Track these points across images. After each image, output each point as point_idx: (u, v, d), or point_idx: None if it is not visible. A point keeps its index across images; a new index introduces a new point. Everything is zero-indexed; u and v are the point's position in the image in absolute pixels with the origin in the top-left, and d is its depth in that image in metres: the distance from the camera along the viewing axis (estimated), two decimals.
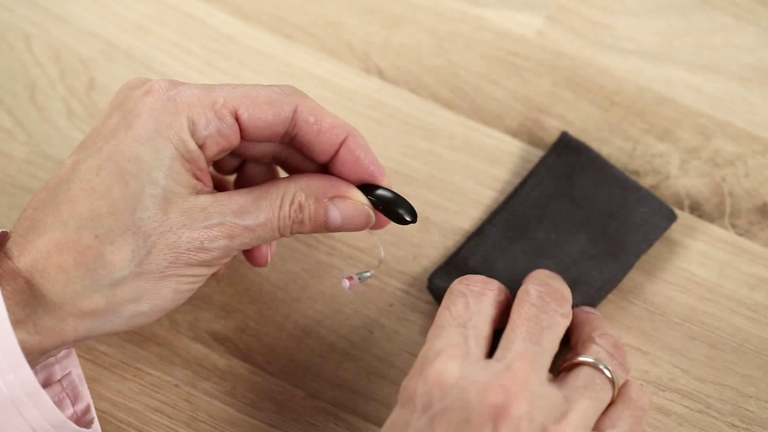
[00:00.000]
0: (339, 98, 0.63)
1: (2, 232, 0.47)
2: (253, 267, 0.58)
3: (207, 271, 0.46)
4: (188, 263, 0.44)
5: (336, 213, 0.47)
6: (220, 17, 0.66)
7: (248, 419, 0.55)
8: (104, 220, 0.43)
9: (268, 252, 0.51)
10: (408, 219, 0.48)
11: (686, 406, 0.54)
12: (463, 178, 0.61)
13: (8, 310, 0.42)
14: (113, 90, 0.64)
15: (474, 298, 0.47)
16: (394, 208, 0.48)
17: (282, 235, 0.47)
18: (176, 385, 0.56)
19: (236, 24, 0.66)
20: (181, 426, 0.55)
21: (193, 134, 0.43)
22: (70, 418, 0.49)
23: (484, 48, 0.65)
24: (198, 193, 0.44)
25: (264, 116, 0.44)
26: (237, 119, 0.44)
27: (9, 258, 0.43)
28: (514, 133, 0.62)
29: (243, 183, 0.52)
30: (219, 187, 0.53)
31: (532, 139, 0.62)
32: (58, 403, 0.49)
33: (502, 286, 0.50)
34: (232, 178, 0.55)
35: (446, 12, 0.66)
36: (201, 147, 0.44)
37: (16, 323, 0.42)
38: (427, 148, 0.62)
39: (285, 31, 0.66)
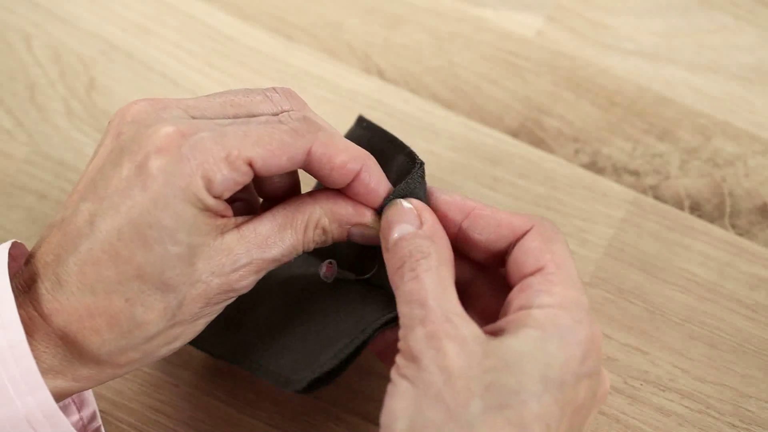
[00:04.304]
0: (339, 98, 0.63)
1: (17, 242, 0.47)
2: None
3: (233, 300, 0.47)
4: (218, 302, 0.46)
5: (358, 236, 0.48)
6: (220, 17, 0.66)
7: (248, 419, 0.55)
8: (132, 284, 0.43)
9: None
10: None
11: (686, 406, 0.54)
12: (463, 178, 0.60)
13: (45, 362, 0.44)
14: (113, 90, 0.64)
15: None
16: None
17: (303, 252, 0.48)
18: (176, 385, 0.55)
19: (236, 24, 0.66)
20: (181, 426, 0.55)
21: (209, 190, 0.43)
22: (76, 424, 0.49)
23: (484, 48, 0.65)
24: (222, 232, 0.45)
25: (278, 162, 0.45)
26: (251, 166, 0.44)
27: (40, 315, 0.44)
28: (514, 133, 0.62)
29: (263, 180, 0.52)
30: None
31: (532, 139, 0.62)
32: (64, 408, 0.49)
33: None
34: None
35: (446, 12, 0.66)
36: (217, 197, 0.44)
37: (56, 374, 0.44)
38: (427, 148, 0.61)
39: (285, 31, 0.66)
